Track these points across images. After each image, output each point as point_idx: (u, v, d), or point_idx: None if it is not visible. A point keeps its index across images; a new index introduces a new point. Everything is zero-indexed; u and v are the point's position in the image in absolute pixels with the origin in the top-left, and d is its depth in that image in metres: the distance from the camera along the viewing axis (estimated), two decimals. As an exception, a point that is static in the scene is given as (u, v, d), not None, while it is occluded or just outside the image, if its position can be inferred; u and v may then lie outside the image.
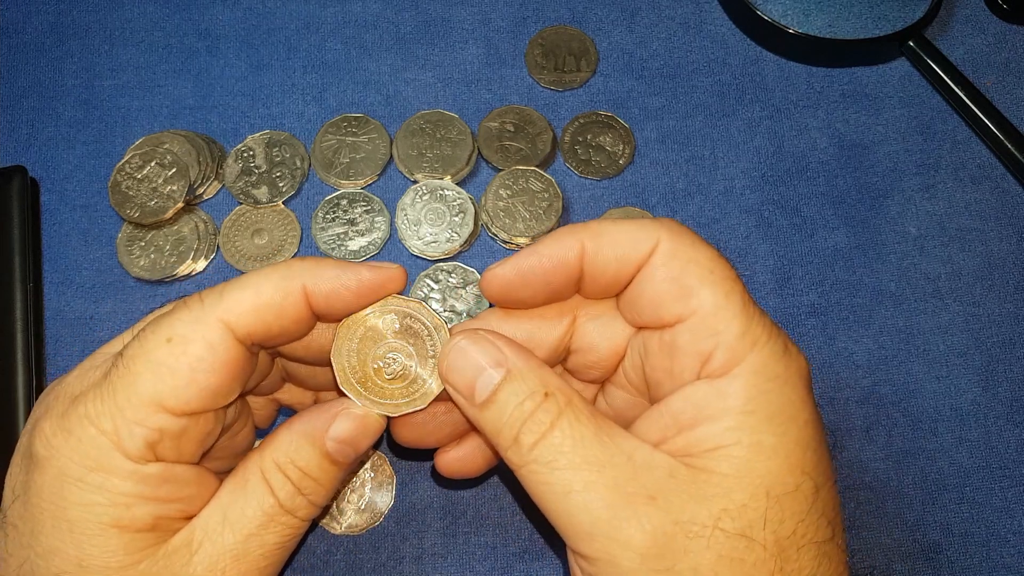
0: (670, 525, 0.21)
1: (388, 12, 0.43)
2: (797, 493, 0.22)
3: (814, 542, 0.22)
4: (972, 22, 0.44)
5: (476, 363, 0.24)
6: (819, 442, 0.23)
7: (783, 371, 0.23)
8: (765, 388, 0.23)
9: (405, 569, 0.34)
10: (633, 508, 0.22)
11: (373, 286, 0.26)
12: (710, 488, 0.22)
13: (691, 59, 0.43)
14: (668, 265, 0.24)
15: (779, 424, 0.22)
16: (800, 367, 0.24)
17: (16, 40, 0.42)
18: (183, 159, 0.38)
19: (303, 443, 0.25)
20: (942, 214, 0.40)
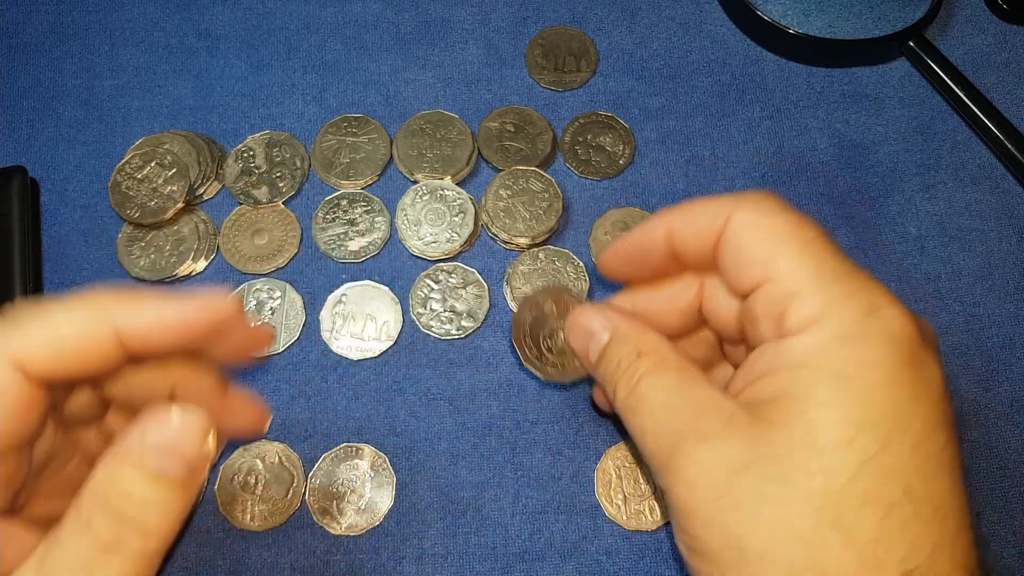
0: (717, 462, 0.24)
1: (388, 12, 0.43)
2: (850, 447, 0.22)
3: (872, 501, 0.22)
4: (972, 22, 0.44)
5: (589, 329, 0.29)
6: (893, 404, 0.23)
7: (858, 331, 0.23)
8: (829, 347, 0.23)
9: (405, 569, 0.34)
10: (686, 446, 0.24)
11: (199, 323, 0.24)
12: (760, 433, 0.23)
13: (691, 59, 0.43)
14: (741, 235, 0.25)
15: (837, 380, 0.23)
16: (887, 328, 0.23)
17: (16, 40, 0.42)
18: (183, 159, 0.38)
19: (118, 464, 0.22)
20: (942, 214, 0.40)
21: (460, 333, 0.37)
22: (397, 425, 0.36)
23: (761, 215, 0.25)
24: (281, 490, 0.35)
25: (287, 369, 0.37)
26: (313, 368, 0.37)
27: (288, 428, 0.36)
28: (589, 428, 0.36)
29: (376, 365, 0.37)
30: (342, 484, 0.35)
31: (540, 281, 0.38)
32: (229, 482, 0.35)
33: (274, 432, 0.36)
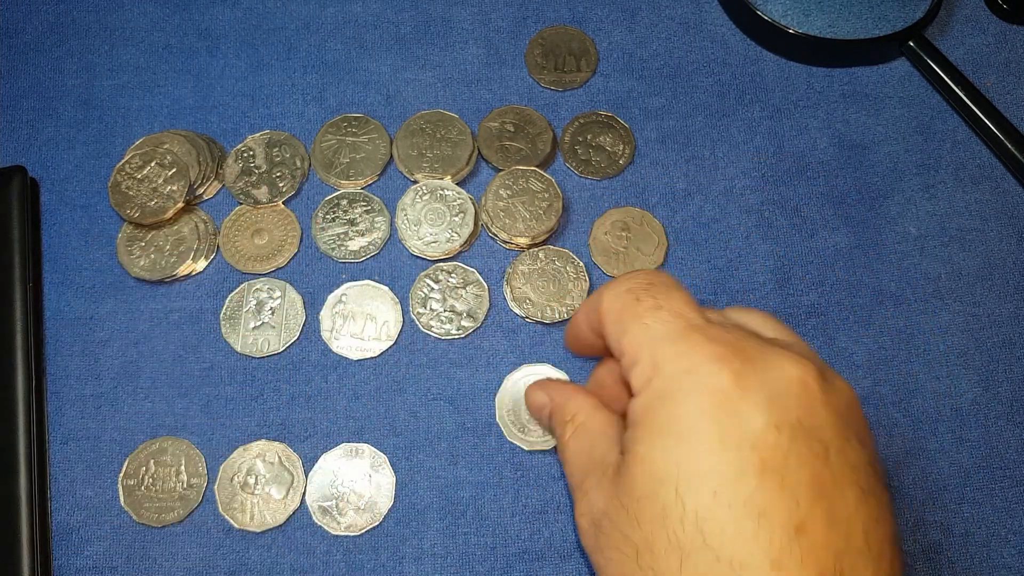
0: (587, 513, 0.27)
1: (388, 12, 0.43)
2: (652, 500, 0.24)
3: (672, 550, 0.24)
4: (972, 22, 0.44)
5: (536, 402, 0.33)
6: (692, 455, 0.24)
7: (674, 389, 0.25)
8: (650, 406, 0.25)
9: (405, 569, 0.34)
10: (577, 497, 0.29)
11: None
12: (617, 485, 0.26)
13: (691, 59, 0.43)
14: (604, 321, 0.29)
15: (651, 435, 0.25)
16: (700, 384, 0.25)
17: (16, 40, 0.42)
18: (183, 159, 0.38)
19: None
20: (942, 214, 0.40)
21: (460, 333, 0.37)
22: (397, 425, 0.36)
23: (614, 298, 0.28)
24: (281, 490, 0.35)
25: (287, 369, 0.37)
26: (313, 368, 0.37)
27: (288, 428, 0.36)
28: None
29: (376, 365, 0.37)
30: (342, 484, 0.35)
31: (540, 281, 0.38)
32: (229, 482, 0.35)
33: (274, 432, 0.36)
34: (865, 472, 0.24)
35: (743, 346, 0.25)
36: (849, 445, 0.24)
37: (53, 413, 0.36)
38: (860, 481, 0.24)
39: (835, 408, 0.25)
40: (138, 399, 0.36)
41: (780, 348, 0.26)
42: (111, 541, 0.34)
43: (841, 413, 0.25)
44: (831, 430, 0.24)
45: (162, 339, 0.37)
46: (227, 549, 0.34)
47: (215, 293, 0.38)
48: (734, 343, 0.25)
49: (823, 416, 0.24)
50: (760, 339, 0.27)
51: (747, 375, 0.24)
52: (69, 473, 0.35)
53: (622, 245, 0.39)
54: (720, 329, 0.26)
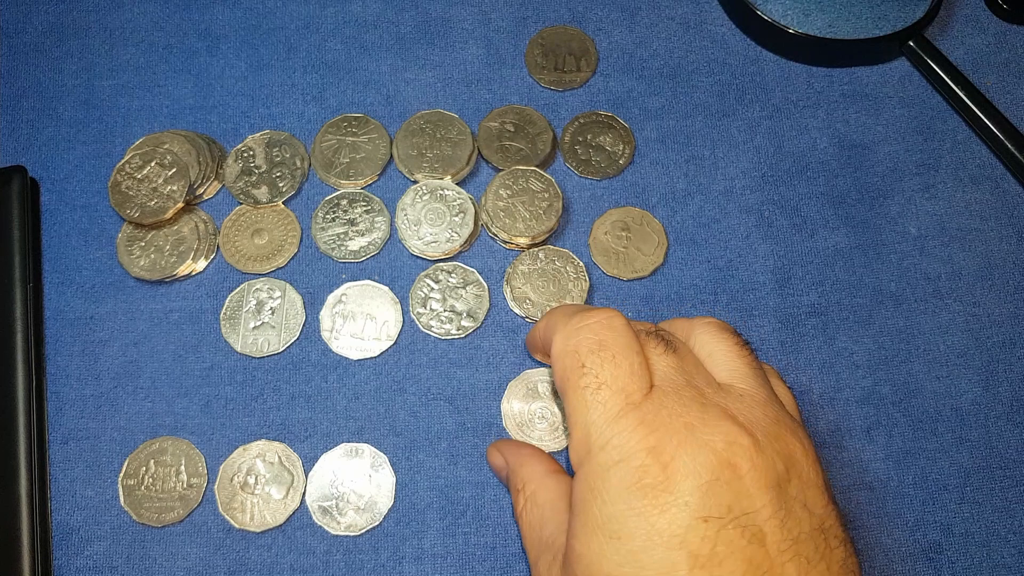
0: None
1: (388, 12, 0.43)
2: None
3: None
4: (972, 22, 0.44)
5: (493, 464, 0.34)
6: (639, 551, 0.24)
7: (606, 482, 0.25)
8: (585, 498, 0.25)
9: (405, 569, 0.34)
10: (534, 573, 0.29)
11: None
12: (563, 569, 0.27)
13: (691, 59, 0.43)
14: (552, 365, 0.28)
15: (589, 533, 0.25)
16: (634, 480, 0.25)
17: (16, 40, 0.42)
18: (183, 159, 0.38)
19: None
20: (942, 214, 0.40)
21: (460, 333, 0.37)
22: (397, 425, 0.36)
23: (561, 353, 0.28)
24: (281, 490, 0.35)
25: (287, 369, 0.37)
26: (313, 368, 0.37)
27: (288, 428, 0.36)
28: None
29: (376, 365, 0.37)
30: (342, 484, 0.35)
31: (540, 281, 0.38)
32: (229, 482, 0.35)
33: (274, 432, 0.36)
34: (811, 538, 0.24)
35: (676, 424, 0.25)
36: (790, 517, 0.24)
37: (53, 413, 0.36)
38: (804, 551, 0.24)
39: (771, 482, 0.24)
40: (138, 399, 0.36)
41: (716, 417, 0.25)
42: (111, 541, 0.34)
43: (779, 484, 0.25)
44: (767, 509, 0.24)
45: (162, 339, 0.37)
46: (227, 549, 0.34)
47: (215, 293, 0.38)
48: (666, 423, 0.25)
49: (755, 497, 0.24)
50: (700, 398, 0.26)
51: (675, 465, 0.24)
52: (69, 473, 0.35)
53: (622, 245, 0.39)
54: (657, 402, 0.26)
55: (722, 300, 0.38)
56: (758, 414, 0.26)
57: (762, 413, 0.26)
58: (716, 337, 0.29)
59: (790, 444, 0.26)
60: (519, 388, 0.36)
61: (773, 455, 0.25)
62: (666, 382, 0.27)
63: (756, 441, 0.25)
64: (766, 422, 0.26)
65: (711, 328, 0.29)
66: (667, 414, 0.25)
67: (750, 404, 0.27)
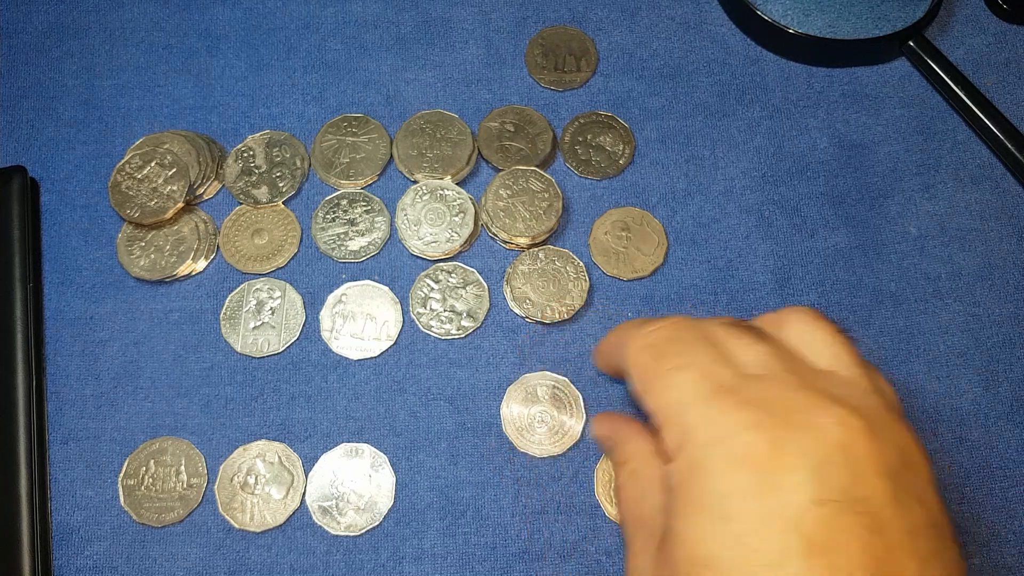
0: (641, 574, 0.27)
1: (388, 12, 0.43)
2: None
3: None
4: (972, 22, 0.44)
5: (597, 435, 0.33)
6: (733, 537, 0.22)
7: (705, 460, 0.24)
8: (685, 478, 0.24)
9: (405, 569, 0.34)
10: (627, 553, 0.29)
11: None
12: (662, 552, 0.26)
13: (691, 59, 0.43)
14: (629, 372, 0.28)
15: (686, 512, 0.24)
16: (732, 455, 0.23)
17: (16, 40, 0.42)
18: (183, 159, 0.38)
19: None
20: (942, 214, 0.40)
21: (460, 333, 0.37)
22: (397, 425, 0.36)
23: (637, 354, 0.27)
24: (281, 490, 0.35)
25: (287, 369, 0.37)
26: (313, 368, 0.37)
27: (288, 428, 0.36)
28: (589, 428, 0.36)
29: (376, 365, 0.37)
30: (342, 484, 0.35)
31: (540, 281, 0.38)
32: (229, 482, 0.35)
33: (274, 432, 0.36)
34: (925, 535, 0.23)
35: (780, 406, 0.24)
36: (904, 509, 0.22)
37: (53, 413, 0.36)
38: (919, 547, 0.22)
39: (887, 469, 0.23)
40: (138, 399, 0.36)
41: (824, 400, 0.24)
42: (111, 541, 0.34)
43: (894, 473, 0.23)
44: (882, 497, 0.22)
45: (162, 339, 0.37)
46: (227, 549, 0.34)
47: (215, 293, 0.38)
48: (770, 404, 0.24)
49: (872, 483, 0.22)
50: (804, 384, 0.25)
51: (785, 443, 0.23)
52: (69, 473, 0.35)
53: (622, 245, 0.39)
54: (754, 386, 0.24)
55: (722, 300, 0.38)
56: (866, 401, 0.25)
57: (869, 400, 0.25)
58: (813, 325, 0.27)
59: (901, 433, 0.24)
60: (518, 392, 0.36)
61: (887, 441, 0.23)
62: (761, 369, 0.25)
63: (869, 424, 0.23)
64: (875, 409, 0.24)
65: (806, 316, 0.27)
66: (767, 396, 0.24)
67: (855, 391, 0.25)
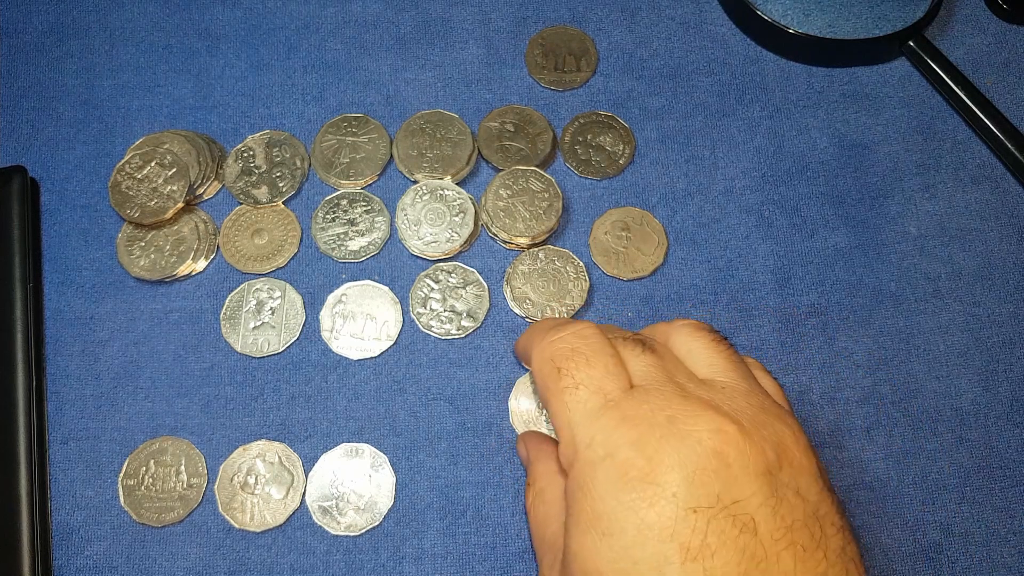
0: None
1: (388, 12, 0.43)
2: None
3: None
4: (972, 22, 0.44)
5: (520, 454, 0.34)
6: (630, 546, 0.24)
7: (593, 479, 0.25)
8: (575, 496, 0.25)
9: (405, 569, 0.34)
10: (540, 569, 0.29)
11: None
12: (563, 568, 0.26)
13: (691, 59, 0.43)
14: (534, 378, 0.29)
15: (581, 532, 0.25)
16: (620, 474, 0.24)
17: (16, 40, 0.42)
18: (183, 159, 0.38)
19: None
20: (942, 214, 0.40)
21: (460, 333, 0.37)
22: (397, 425, 0.36)
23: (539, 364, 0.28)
24: (281, 490, 0.35)
25: (287, 369, 0.37)
26: (313, 368, 0.37)
27: (288, 428, 0.36)
28: None
29: (376, 365, 0.37)
30: (342, 484, 0.35)
31: (540, 281, 0.38)
32: (229, 482, 0.35)
33: (274, 432, 0.36)
34: (806, 526, 0.24)
35: (659, 417, 0.25)
36: (782, 504, 0.24)
37: (53, 413, 0.36)
38: (799, 539, 0.23)
39: (762, 469, 0.24)
40: (138, 399, 0.36)
41: (700, 408, 0.25)
42: (111, 541, 0.34)
43: (769, 471, 0.24)
44: (757, 497, 0.24)
45: (162, 339, 0.37)
46: (227, 549, 0.34)
47: (215, 293, 0.38)
48: (650, 416, 0.25)
49: (745, 485, 0.24)
50: (682, 393, 0.26)
51: (661, 456, 0.24)
52: (69, 473, 0.35)
53: (622, 245, 0.39)
54: (638, 399, 0.26)
55: (722, 300, 0.38)
56: (742, 404, 0.26)
57: (746, 403, 0.26)
58: (692, 335, 0.29)
59: (778, 431, 0.25)
60: (527, 386, 0.36)
61: (761, 442, 0.24)
62: (646, 380, 0.27)
63: (742, 428, 0.24)
64: (751, 411, 0.26)
65: (687, 328, 0.29)
66: (648, 408, 0.25)
67: (732, 395, 0.26)
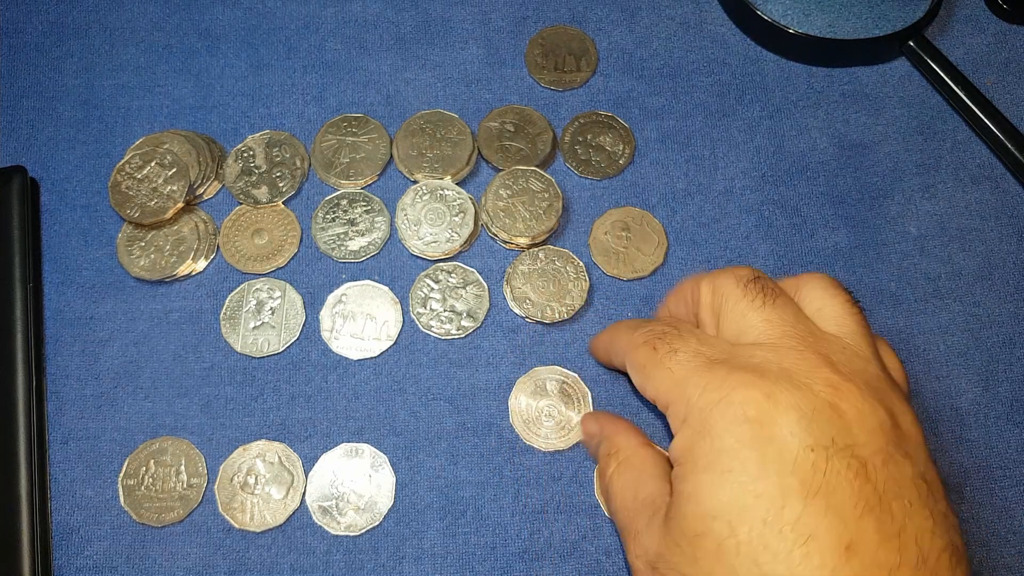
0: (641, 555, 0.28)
1: (388, 12, 0.43)
2: (705, 537, 0.24)
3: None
4: (972, 22, 0.44)
5: (587, 430, 0.34)
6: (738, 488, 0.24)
7: (707, 425, 0.26)
8: (689, 444, 0.26)
9: (405, 569, 0.34)
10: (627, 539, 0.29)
11: None
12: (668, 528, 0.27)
13: (691, 59, 0.43)
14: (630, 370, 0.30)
15: (695, 474, 0.25)
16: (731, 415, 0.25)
17: (16, 40, 0.42)
18: (183, 159, 0.38)
19: None
20: (942, 214, 0.40)
21: (460, 333, 0.37)
22: (397, 425, 0.36)
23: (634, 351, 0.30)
24: (281, 490, 0.35)
25: (287, 369, 0.37)
26: (313, 368, 0.37)
27: (288, 428, 0.36)
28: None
29: (376, 365, 0.37)
30: (342, 484, 0.35)
31: (540, 281, 0.38)
32: (229, 482, 0.35)
33: (274, 432, 0.36)
34: (913, 485, 0.24)
35: (773, 368, 0.26)
36: (891, 460, 0.24)
37: (53, 413, 0.36)
38: (906, 495, 0.24)
39: (874, 426, 0.25)
40: (138, 399, 0.36)
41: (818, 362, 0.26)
42: (111, 541, 0.34)
43: (882, 430, 0.25)
44: (868, 447, 0.24)
45: (162, 339, 0.37)
46: (227, 549, 0.34)
47: (215, 293, 0.38)
48: (763, 367, 0.26)
49: (857, 434, 0.24)
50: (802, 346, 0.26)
51: (778, 396, 0.25)
52: (69, 473, 0.35)
53: (622, 245, 0.39)
54: (748, 352, 0.27)
55: (722, 300, 0.38)
56: (861, 366, 0.26)
57: (865, 366, 0.27)
58: (827, 292, 0.29)
59: (893, 400, 0.26)
60: (527, 385, 0.36)
61: (876, 404, 0.25)
62: (761, 336, 0.27)
63: (858, 387, 0.25)
64: (869, 375, 0.26)
65: (822, 283, 0.29)
66: (758, 360, 0.26)
67: (853, 356, 0.27)
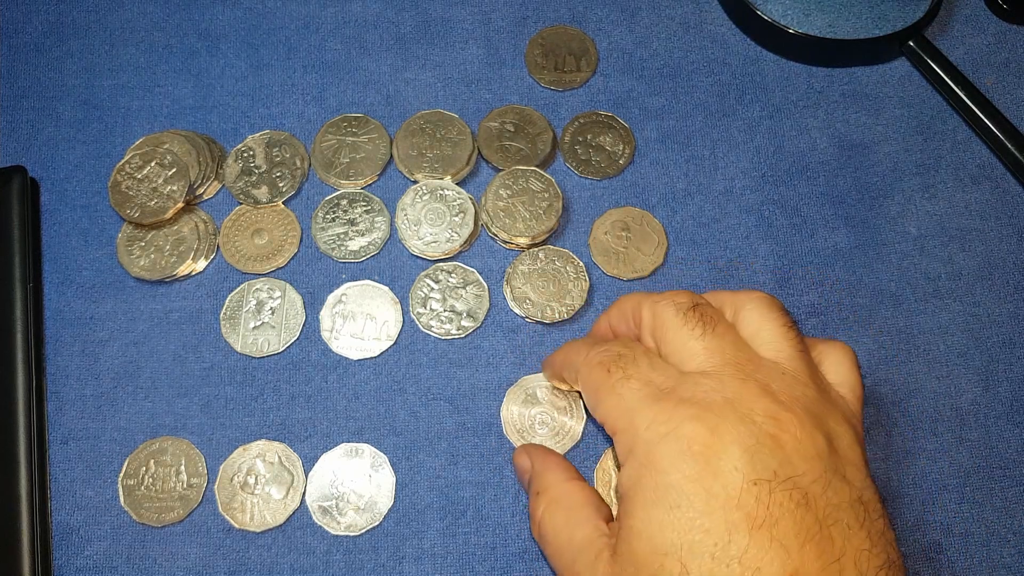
0: None
1: (388, 12, 0.43)
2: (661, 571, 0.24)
3: None
4: (972, 22, 0.44)
5: (519, 465, 0.33)
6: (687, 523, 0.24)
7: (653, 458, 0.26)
8: (637, 477, 0.26)
9: (405, 569, 0.34)
10: None
11: None
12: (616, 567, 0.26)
13: (691, 59, 0.43)
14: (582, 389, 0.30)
15: (643, 508, 0.25)
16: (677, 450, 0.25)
17: (16, 40, 0.42)
18: (183, 159, 0.38)
19: None
20: (942, 214, 0.40)
21: (460, 333, 0.37)
22: (397, 425, 0.36)
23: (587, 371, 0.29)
24: (281, 490, 0.35)
25: (287, 369, 0.37)
26: (313, 368, 0.37)
27: (288, 428, 0.36)
28: (588, 428, 0.36)
29: (376, 365, 0.37)
30: (342, 484, 0.35)
31: (540, 281, 0.38)
32: (229, 482, 0.35)
33: (274, 432, 0.36)
34: (851, 508, 0.25)
35: (717, 399, 0.26)
36: (830, 487, 0.25)
37: (53, 413, 0.36)
38: (845, 518, 0.25)
39: (813, 453, 0.25)
40: (138, 399, 0.36)
41: (758, 393, 0.26)
42: (111, 541, 0.34)
43: (821, 457, 0.26)
44: (808, 475, 0.25)
45: (162, 339, 0.37)
46: (227, 549, 0.34)
47: (215, 293, 0.38)
48: (707, 398, 0.26)
49: (797, 464, 0.25)
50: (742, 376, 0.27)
51: (722, 430, 0.25)
52: (69, 473, 0.35)
53: (622, 245, 0.39)
54: (694, 383, 0.27)
55: (722, 300, 0.38)
56: (800, 392, 0.27)
57: (803, 392, 0.27)
58: (763, 316, 0.29)
59: (830, 423, 0.27)
60: (518, 394, 0.36)
61: (814, 430, 0.26)
62: (704, 364, 0.27)
63: (797, 416, 0.26)
64: (807, 400, 0.27)
65: (760, 305, 0.29)
66: (703, 391, 0.26)
67: (792, 383, 0.27)
